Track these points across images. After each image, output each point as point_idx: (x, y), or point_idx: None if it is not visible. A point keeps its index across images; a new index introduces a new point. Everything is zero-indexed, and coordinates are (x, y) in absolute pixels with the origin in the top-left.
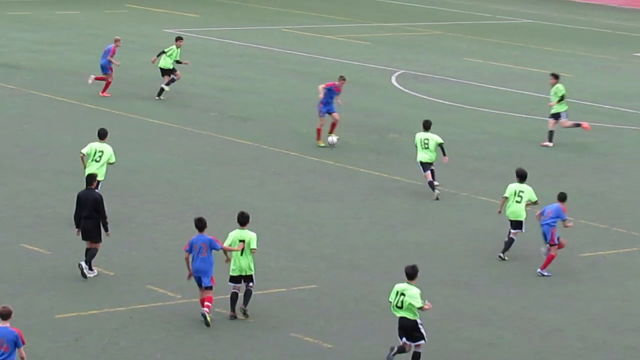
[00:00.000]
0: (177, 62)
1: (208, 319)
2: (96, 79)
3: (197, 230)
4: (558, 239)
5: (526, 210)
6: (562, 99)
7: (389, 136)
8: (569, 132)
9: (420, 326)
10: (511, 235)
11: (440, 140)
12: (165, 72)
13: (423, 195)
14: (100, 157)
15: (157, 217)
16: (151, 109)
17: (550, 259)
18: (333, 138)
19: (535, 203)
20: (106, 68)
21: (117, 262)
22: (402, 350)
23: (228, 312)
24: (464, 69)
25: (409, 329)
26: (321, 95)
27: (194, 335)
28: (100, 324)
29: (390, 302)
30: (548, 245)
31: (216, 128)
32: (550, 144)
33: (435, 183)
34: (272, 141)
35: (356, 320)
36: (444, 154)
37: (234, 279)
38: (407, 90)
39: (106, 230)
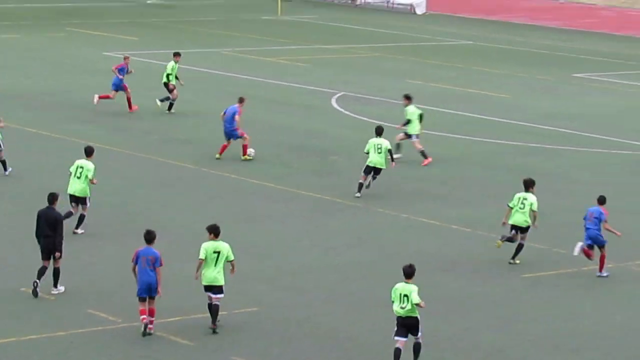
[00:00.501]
0: (168, 76)
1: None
2: (100, 97)
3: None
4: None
5: (531, 218)
6: (419, 119)
7: (330, 158)
8: (510, 152)
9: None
10: (520, 241)
11: (389, 147)
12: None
13: (364, 216)
14: (80, 173)
15: (98, 240)
16: (91, 132)
17: (602, 259)
18: (251, 150)
19: (533, 212)
20: (120, 86)
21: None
22: (399, 351)
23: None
24: (404, 91)
25: (412, 326)
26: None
27: (135, 359)
28: (41, 349)
29: (393, 302)
30: (584, 245)
31: (157, 151)
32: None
33: (365, 184)
34: (214, 164)
35: (298, 342)
36: (392, 160)
37: (206, 288)
38: (347, 112)
39: (59, 250)
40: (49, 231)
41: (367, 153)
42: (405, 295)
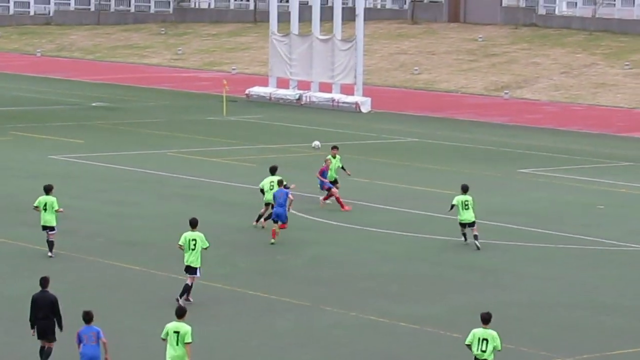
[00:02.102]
0: (342, 168)
1: None
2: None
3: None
4: None
5: None
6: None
7: (277, 258)
8: (457, 249)
9: None
10: None
11: (473, 203)
12: (332, 183)
13: (312, 315)
14: (194, 244)
15: None
16: (37, 236)
17: None
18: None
19: None
20: (321, 186)
21: None
22: None
23: None
24: (351, 189)
25: None
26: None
27: None
28: None
29: (468, 345)
30: None
31: (103, 254)
32: None
33: (475, 233)
34: (161, 266)
35: None
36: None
37: None
38: (294, 212)
39: (61, 328)
40: (45, 314)
41: (454, 205)
42: (485, 339)
